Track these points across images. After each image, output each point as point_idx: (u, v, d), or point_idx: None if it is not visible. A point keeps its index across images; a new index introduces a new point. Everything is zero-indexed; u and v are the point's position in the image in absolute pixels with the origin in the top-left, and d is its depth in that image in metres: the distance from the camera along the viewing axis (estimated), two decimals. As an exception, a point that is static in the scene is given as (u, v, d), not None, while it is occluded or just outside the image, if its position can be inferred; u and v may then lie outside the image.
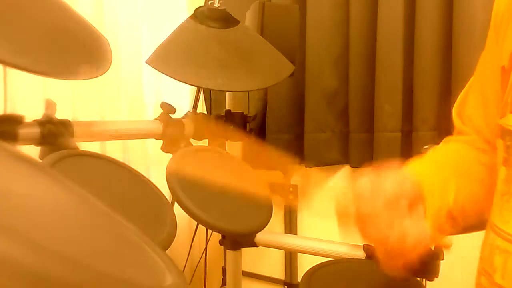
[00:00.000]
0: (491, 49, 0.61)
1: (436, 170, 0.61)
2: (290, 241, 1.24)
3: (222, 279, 1.72)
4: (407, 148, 1.36)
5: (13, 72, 1.16)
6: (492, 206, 0.56)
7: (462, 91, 0.69)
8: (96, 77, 0.84)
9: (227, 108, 1.28)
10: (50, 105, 0.89)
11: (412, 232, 0.52)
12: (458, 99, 0.70)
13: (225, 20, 1.12)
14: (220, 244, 1.37)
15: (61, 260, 0.23)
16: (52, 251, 0.23)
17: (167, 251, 0.75)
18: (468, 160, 0.64)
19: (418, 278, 1.03)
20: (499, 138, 0.55)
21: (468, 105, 0.67)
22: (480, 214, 0.62)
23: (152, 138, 1.10)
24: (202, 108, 1.55)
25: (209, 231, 1.49)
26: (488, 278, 0.53)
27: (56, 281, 0.22)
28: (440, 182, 0.59)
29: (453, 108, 0.70)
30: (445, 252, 1.07)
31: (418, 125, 1.33)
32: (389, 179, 0.54)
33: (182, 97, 1.68)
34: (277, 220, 1.64)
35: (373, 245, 0.55)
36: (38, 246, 0.23)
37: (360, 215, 0.53)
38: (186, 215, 0.87)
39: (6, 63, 0.72)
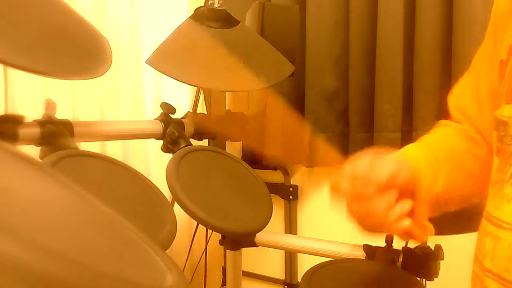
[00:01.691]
0: (489, 43, 0.63)
1: (429, 156, 0.64)
2: (290, 241, 1.24)
3: (222, 279, 1.72)
4: (407, 148, 1.36)
5: (13, 72, 1.16)
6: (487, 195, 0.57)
7: (458, 81, 0.71)
8: (96, 77, 0.84)
9: (227, 108, 1.28)
10: (50, 105, 0.89)
11: (392, 218, 0.55)
12: (454, 89, 0.72)
13: (225, 20, 1.12)
14: (220, 244, 1.37)
15: (61, 260, 0.23)
16: (52, 251, 0.23)
17: (167, 251, 0.75)
18: (460, 149, 0.66)
19: (418, 278, 1.04)
20: (493, 129, 0.56)
21: (462, 97, 0.70)
22: (463, 201, 0.65)
23: (152, 138, 1.10)
24: (202, 108, 1.55)
25: (209, 231, 1.49)
26: (479, 264, 0.54)
27: (55, 281, 0.22)
28: (432, 167, 0.61)
29: (449, 97, 0.72)
30: (444, 252, 1.07)
31: (418, 125, 1.33)
32: (386, 164, 0.57)
33: (182, 97, 1.68)
34: (277, 220, 1.64)
35: (355, 221, 0.58)
36: (38, 246, 0.23)
37: (352, 195, 0.57)
38: (186, 215, 0.87)
39: (6, 63, 0.72)
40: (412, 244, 1.09)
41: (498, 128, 0.55)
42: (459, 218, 0.96)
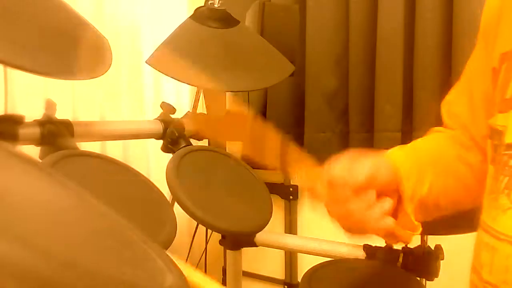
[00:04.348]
0: (480, 50, 0.64)
1: (414, 159, 0.64)
2: (290, 241, 1.24)
3: (222, 279, 1.72)
4: (407, 148, 1.36)
5: (13, 72, 1.16)
6: (482, 204, 0.57)
7: (451, 89, 0.71)
8: (96, 77, 0.84)
9: (227, 108, 1.28)
10: (50, 105, 0.89)
11: (373, 218, 0.55)
12: (447, 96, 0.72)
13: (225, 20, 1.12)
14: (220, 244, 1.37)
15: (60, 261, 0.23)
16: (51, 252, 0.23)
17: (167, 251, 0.75)
18: (449, 156, 0.66)
19: (418, 278, 1.04)
20: (487, 138, 0.56)
21: (455, 104, 0.69)
22: (454, 207, 0.65)
23: (152, 138, 1.10)
24: (202, 108, 1.55)
25: (209, 231, 1.49)
26: (477, 275, 0.54)
27: (54, 282, 0.22)
28: (417, 170, 0.61)
29: (442, 104, 0.72)
30: (444, 252, 1.07)
31: (418, 125, 1.33)
32: (364, 165, 0.57)
33: (182, 97, 1.68)
34: (277, 220, 1.64)
35: (338, 223, 0.58)
36: (36, 247, 0.23)
37: (330, 198, 0.57)
38: (186, 215, 0.87)
39: (6, 63, 0.72)
40: (410, 245, 1.09)
41: (493, 137, 0.55)
42: (459, 218, 0.96)
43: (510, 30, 0.55)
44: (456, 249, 1.04)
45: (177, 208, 0.89)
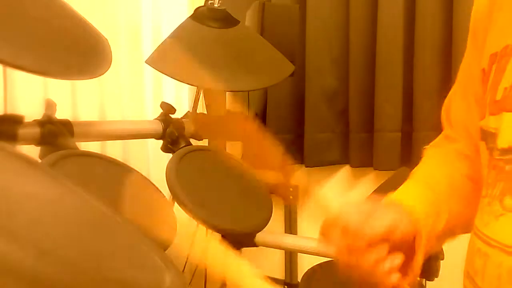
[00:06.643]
0: (471, 52, 0.62)
1: (429, 195, 0.60)
2: (290, 241, 1.24)
3: (222, 279, 1.72)
4: (407, 148, 1.36)
5: (13, 72, 1.16)
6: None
7: (448, 94, 0.69)
8: (96, 77, 0.84)
9: (227, 108, 1.28)
10: (50, 105, 0.89)
11: (381, 273, 0.53)
12: (444, 102, 0.70)
13: (225, 20, 1.13)
14: (220, 244, 1.37)
15: (58, 260, 0.23)
16: (50, 251, 0.23)
17: (167, 251, 0.75)
18: (457, 175, 0.64)
19: (418, 278, 1.03)
20: (480, 140, 0.55)
21: (453, 108, 0.68)
22: (464, 227, 0.62)
23: (152, 138, 1.10)
24: (202, 108, 1.55)
25: (209, 231, 1.49)
26: (470, 280, 0.54)
27: (53, 281, 0.22)
28: (434, 212, 0.58)
29: (442, 111, 0.70)
30: (444, 252, 1.07)
31: (418, 125, 1.33)
32: (382, 217, 0.54)
33: (182, 97, 1.68)
34: (277, 220, 1.64)
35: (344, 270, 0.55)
36: (36, 247, 0.23)
37: (342, 246, 0.54)
38: (186, 215, 0.87)
39: (6, 63, 0.72)
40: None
41: (486, 140, 0.53)
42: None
43: (499, 31, 0.54)
44: (456, 249, 1.04)
45: (177, 208, 0.89)
